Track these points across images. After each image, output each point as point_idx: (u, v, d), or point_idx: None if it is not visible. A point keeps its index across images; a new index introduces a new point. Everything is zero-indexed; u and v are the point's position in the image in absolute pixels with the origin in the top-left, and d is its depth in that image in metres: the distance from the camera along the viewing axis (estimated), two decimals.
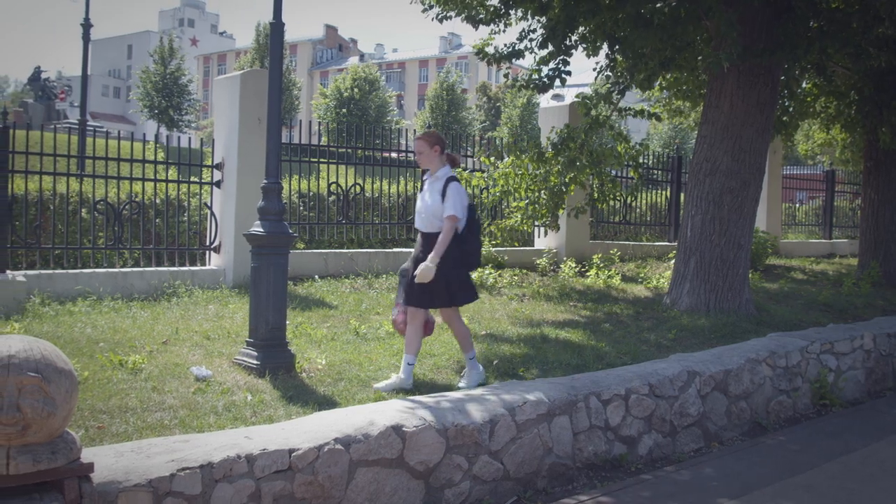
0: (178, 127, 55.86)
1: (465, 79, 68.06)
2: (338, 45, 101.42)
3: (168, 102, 56.15)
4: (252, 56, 64.44)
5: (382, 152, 13.61)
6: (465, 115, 62.09)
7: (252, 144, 10.01)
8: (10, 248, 8.94)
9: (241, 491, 3.98)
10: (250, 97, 10.12)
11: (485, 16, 10.90)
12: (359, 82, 55.72)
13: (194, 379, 5.97)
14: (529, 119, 57.86)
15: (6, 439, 3.26)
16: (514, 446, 5.11)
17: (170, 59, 56.77)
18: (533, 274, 12.13)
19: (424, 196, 6.36)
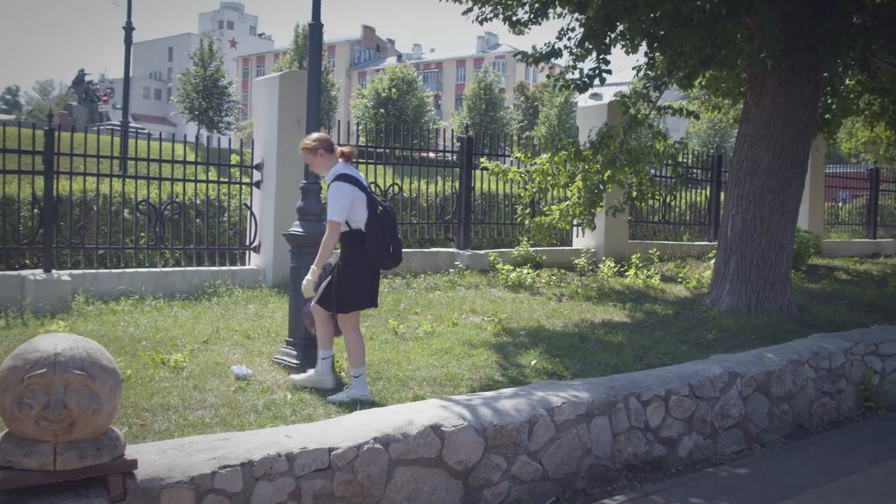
0: (217, 128, 56.34)
1: (502, 78, 67.93)
2: (375, 45, 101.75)
3: (208, 104, 56.63)
4: (290, 57, 64.81)
5: (420, 152, 13.62)
6: (502, 114, 61.88)
7: (291, 145, 10.06)
8: (56, 248, 9.09)
9: (282, 489, 4.01)
10: (289, 98, 10.19)
11: (524, 16, 10.87)
12: (396, 82, 55.79)
13: (235, 378, 6.03)
14: (568, 118, 57.59)
15: (53, 436, 3.31)
16: (553, 446, 5.09)
17: (209, 61, 57.25)
18: (571, 274, 12.08)
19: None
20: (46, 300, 8.25)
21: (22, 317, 7.92)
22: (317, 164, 6.15)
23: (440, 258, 11.82)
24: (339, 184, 5.89)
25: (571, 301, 10.06)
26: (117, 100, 60.81)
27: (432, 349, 7.22)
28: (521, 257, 12.10)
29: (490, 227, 13.24)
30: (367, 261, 5.93)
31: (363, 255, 5.91)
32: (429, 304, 9.33)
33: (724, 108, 14.87)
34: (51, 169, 8.95)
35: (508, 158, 13.54)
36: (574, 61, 10.78)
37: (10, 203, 9.53)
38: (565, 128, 54.61)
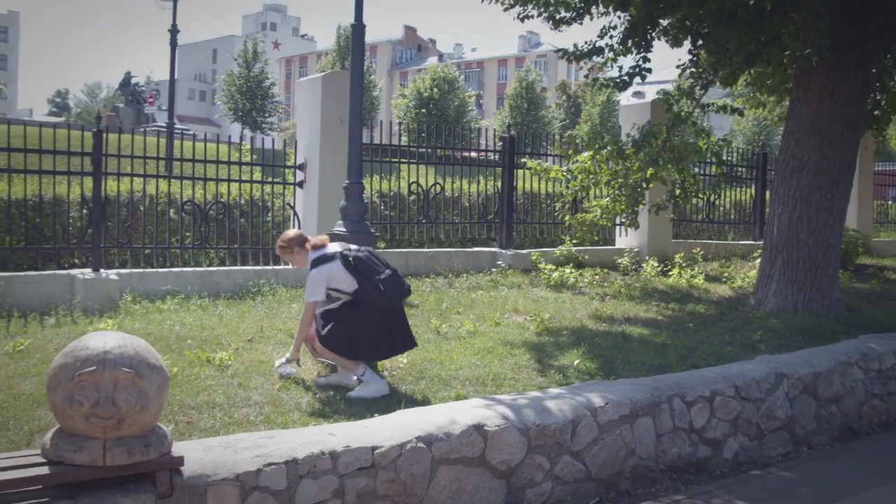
0: (261, 129, 56.90)
1: (544, 77, 67.71)
2: (417, 45, 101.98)
3: (252, 105, 57.24)
4: (333, 58, 65.27)
5: (462, 152, 13.63)
6: (544, 113, 61.71)
7: (334, 145, 10.14)
8: (104, 247, 9.24)
9: (325, 487, 4.04)
10: (332, 98, 10.24)
11: (566, 14, 10.82)
12: (438, 82, 55.88)
13: (279, 377, 6.08)
14: (610, 117, 57.25)
15: (103, 432, 3.37)
16: (597, 447, 5.07)
17: (253, 63, 57.84)
18: (614, 273, 12.01)
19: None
20: (95, 299, 8.39)
21: (72, 315, 8.07)
22: (298, 259, 6.38)
23: (482, 258, 11.81)
24: (312, 271, 6.19)
25: (614, 301, 9.99)
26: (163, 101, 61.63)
27: (475, 349, 7.22)
28: (563, 257, 12.05)
29: (532, 227, 13.20)
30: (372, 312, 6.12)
31: (368, 308, 6.11)
32: (471, 303, 9.33)
33: (770, 105, 14.67)
34: (99, 170, 9.10)
35: (550, 157, 13.50)
36: (615, 57, 10.71)
37: (60, 203, 9.70)
38: (608, 126, 54.31)
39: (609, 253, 12.89)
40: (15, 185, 10.07)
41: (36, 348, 6.69)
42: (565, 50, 10.85)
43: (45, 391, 3.56)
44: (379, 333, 6.12)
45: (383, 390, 5.86)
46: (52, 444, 3.43)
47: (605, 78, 10.73)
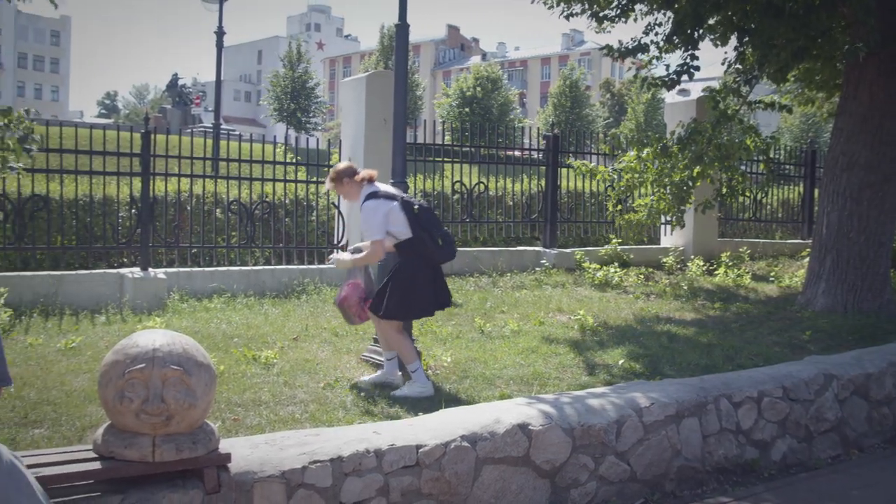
0: (305, 129, 57.32)
1: (588, 75, 67.31)
2: (460, 44, 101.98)
3: (296, 105, 57.70)
4: (376, 58, 65.54)
5: (505, 151, 13.60)
6: (588, 112, 61.36)
7: (378, 144, 10.18)
8: (152, 247, 9.38)
9: (370, 485, 4.05)
10: (376, 98, 10.28)
11: (610, 12, 10.75)
12: (481, 81, 55.82)
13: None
14: (654, 115, 56.71)
15: (152, 429, 3.42)
16: (642, 447, 5.02)
17: (298, 64, 58.30)
18: (659, 272, 11.91)
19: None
20: (143, 297, 8.52)
21: (121, 313, 8.20)
22: (348, 191, 6.26)
23: (526, 257, 11.79)
24: (369, 202, 6.05)
25: (659, 300, 9.91)
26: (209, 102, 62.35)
27: (519, 348, 7.20)
28: (608, 256, 11.98)
29: (576, 226, 13.14)
30: (422, 266, 6.09)
31: (419, 261, 6.07)
32: (515, 302, 9.31)
33: (819, 101, 14.41)
34: (147, 170, 9.24)
35: (594, 156, 13.43)
36: (659, 54, 10.61)
37: (110, 203, 9.86)
38: (652, 124, 53.79)
39: (654, 252, 12.78)
40: (66, 185, 10.27)
41: (87, 346, 6.81)
42: (610, 47, 10.78)
43: (97, 388, 3.62)
44: (427, 288, 6.15)
45: (428, 392, 5.86)
46: (103, 440, 3.49)
47: (653, 77, 10.63)
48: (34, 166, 8.83)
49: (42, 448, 4.22)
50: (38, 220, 9.11)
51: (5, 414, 4.95)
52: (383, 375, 6.16)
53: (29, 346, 6.76)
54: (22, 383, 5.57)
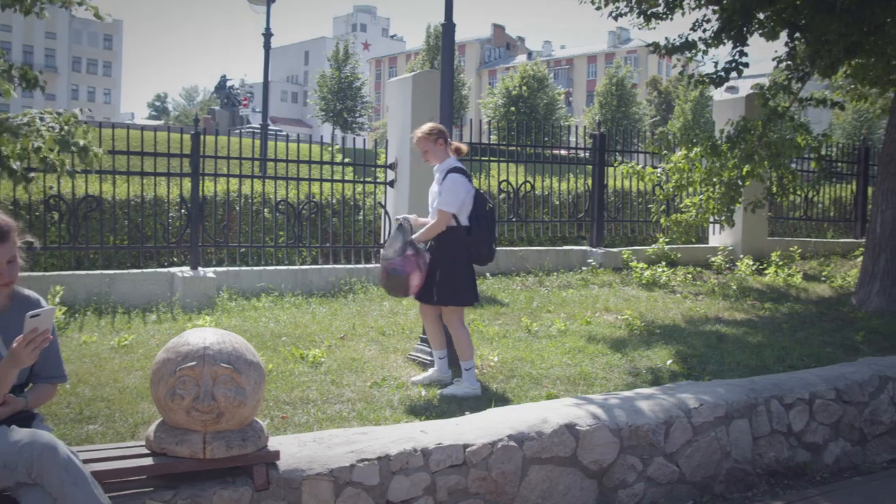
0: (351, 129, 57.63)
1: (634, 73, 66.68)
2: (505, 43, 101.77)
3: (343, 105, 58.04)
4: (422, 58, 65.64)
5: (552, 150, 13.55)
6: (635, 110, 60.85)
7: None
8: (202, 246, 9.50)
9: (417, 484, 4.06)
10: (422, 98, 10.31)
11: (658, 9, 10.66)
12: (527, 80, 55.62)
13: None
14: (702, 113, 56.07)
15: (203, 426, 3.47)
16: (690, 449, 4.97)
17: (344, 64, 58.64)
18: (707, 272, 11.77)
19: (433, 188, 6.24)
20: (193, 296, 8.64)
21: (171, 311, 8.33)
22: (433, 153, 6.15)
23: (573, 256, 11.73)
24: (458, 175, 6.01)
25: (708, 300, 9.80)
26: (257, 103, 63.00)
27: (565, 347, 7.17)
28: (655, 255, 11.88)
29: (623, 225, 13.05)
30: (468, 257, 6.06)
31: (465, 251, 6.04)
32: (562, 302, 9.27)
33: (872, 97, 14.13)
34: (197, 171, 9.37)
35: (641, 155, 13.32)
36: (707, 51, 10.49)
37: (160, 204, 10.02)
38: (700, 122, 53.16)
39: (702, 251, 12.65)
40: (118, 186, 10.46)
41: (139, 344, 6.92)
42: (657, 44, 10.70)
43: (149, 385, 3.68)
44: (473, 278, 6.16)
45: (475, 392, 5.85)
46: (155, 437, 3.55)
47: (701, 74, 10.52)
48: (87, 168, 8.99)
49: (96, 444, 4.30)
50: (91, 220, 9.28)
51: (61, 410, 5.06)
52: (435, 374, 6.16)
53: (83, 343, 6.89)
54: (77, 380, 5.68)
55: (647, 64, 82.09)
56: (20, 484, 3.00)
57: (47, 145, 4.99)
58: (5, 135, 4.84)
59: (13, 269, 3.26)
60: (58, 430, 4.50)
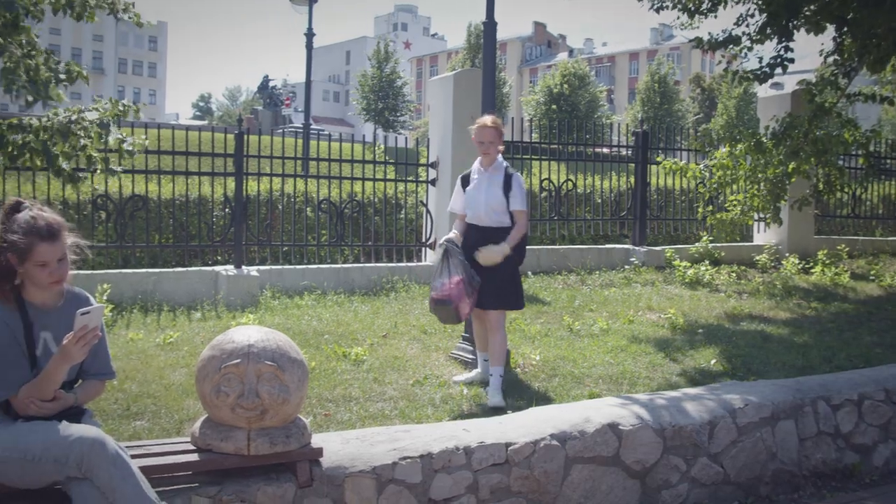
0: (393, 128, 57.81)
1: (677, 70, 66.10)
2: (546, 41, 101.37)
3: (384, 104, 58.23)
4: (463, 56, 65.60)
5: (593, 148, 13.47)
6: (678, 107, 60.27)
7: (466, 142, 10.16)
8: (245, 245, 9.60)
9: (459, 482, 4.07)
10: (463, 96, 10.30)
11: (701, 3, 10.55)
12: (568, 78, 55.40)
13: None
14: (747, 109, 55.36)
15: (247, 422, 3.51)
16: (735, 449, 4.92)
17: (385, 63, 58.83)
18: (752, 270, 11.63)
19: (481, 187, 5.99)
20: (237, 294, 8.73)
21: (216, 309, 8.42)
22: (495, 148, 5.99)
23: (615, 254, 11.65)
24: (519, 176, 6.03)
25: (752, 299, 9.68)
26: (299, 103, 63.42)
27: (608, 346, 7.13)
28: (698, 253, 11.76)
29: (666, 223, 12.94)
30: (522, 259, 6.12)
31: (524, 253, 6.12)
32: (604, 300, 9.22)
33: None
34: (241, 170, 9.46)
35: (684, 152, 13.20)
36: (751, 46, 10.36)
37: (205, 203, 10.14)
38: (744, 119, 52.51)
39: (746, 249, 12.49)
40: (163, 185, 10.60)
41: (184, 341, 7.01)
42: (700, 39, 10.59)
43: (194, 382, 3.72)
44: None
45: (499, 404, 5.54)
46: (200, 433, 3.59)
47: (745, 70, 10.38)
48: (134, 167, 9.13)
49: (143, 439, 4.36)
50: (137, 219, 9.42)
51: (109, 406, 5.14)
52: (478, 375, 6.12)
53: (130, 340, 7.00)
54: (124, 377, 5.77)
55: (689, 60, 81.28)
56: (71, 478, 3.06)
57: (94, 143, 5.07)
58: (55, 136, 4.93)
59: (63, 268, 3.32)
60: (106, 426, 4.57)
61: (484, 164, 6.05)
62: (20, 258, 3.24)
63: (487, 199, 5.95)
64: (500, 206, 5.93)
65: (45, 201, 8.20)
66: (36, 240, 3.22)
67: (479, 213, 5.99)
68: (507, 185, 5.93)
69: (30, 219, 3.26)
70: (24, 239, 3.21)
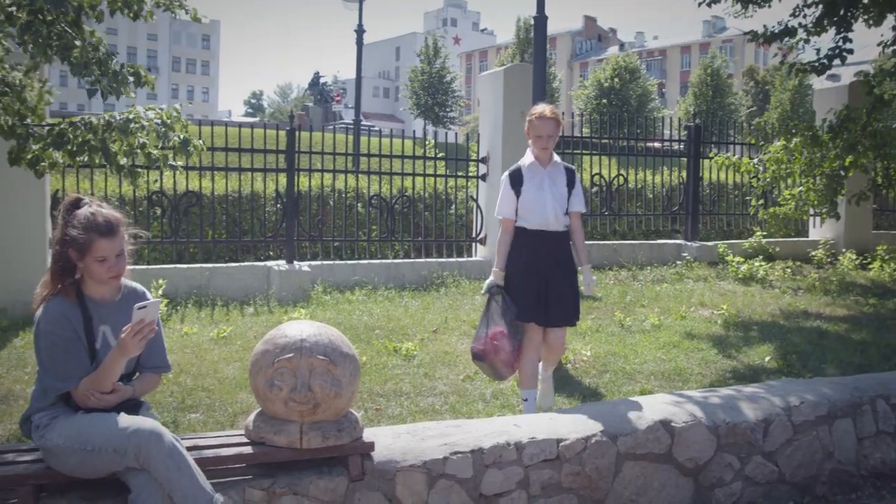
0: (442, 123, 57.85)
1: (730, 63, 65.08)
2: (597, 35, 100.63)
3: (434, 100, 58.30)
4: (512, 51, 65.38)
5: (645, 142, 13.35)
6: (730, 100, 59.39)
7: (516, 137, 10.15)
8: (297, 240, 9.69)
9: (510, 477, 4.06)
10: (513, 91, 10.26)
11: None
12: (619, 72, 54.95)
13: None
14: (802, 102, 54.41)
15: (300, 416, 3.54)
16: (790, 448, 4.83)
17: (434, 59, 58.89)
18: (807, 266, 11.43)
19: (544, 188, 5.26)
20: (289, 289, 8.81)
21: (268, 304, 8.51)
22: (553, 143, 5.33)
23: (666, 250, 11.54)
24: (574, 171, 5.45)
25: (808, 295, 9.51)
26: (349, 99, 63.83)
27: (659, 342, 7.07)
28: (752, 249, 11.60)
29: (718, 218, 12.77)
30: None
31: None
32: (655, 296, 9.14)
33: None
34: (292, 167, 9.54)
35: (737, 146, 13.01)
36: (808, 38, 10.17)
37: (257, 199, 10.25)
38: (799, 112, 51.60)
39: (801, 245, 12.28)
40: (217, 182, 10.74)
41: (237, 335, 7.10)
42: (755, 32, 10.43)
43: (247, 376, 3.77)
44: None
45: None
46: (254, 426, 3.64)
47: (802, 62, 10.20)
48: (187, 164, 9.27)
49: (198, 432, 4.43)
50: (191, 215, 9.55)
51: (164, 399, 5.23)
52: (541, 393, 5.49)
53: (184, 334, 7.11)
54: (179, 370, 5.86)
55: (743, 53, 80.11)
56: (129, 468, 3.13)
57: (151, 141, 5.16)
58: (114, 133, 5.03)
59: (121, 263, 3.38)
60: (162, 418, 4.65)
61: (542, 160, 5.34)
62: (80, 253, 3.30)
63: (556, 200, 5.28)
64: (565, 207, 5.32)
65: (102, 198, 8.36)
66: (95, 235, 3.29)
67: (548, 217, 5.24)
68: (571, 184, 5.36)
69: (89, 215, 3.33)
70: (84, 234, 3.28)
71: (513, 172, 5.40)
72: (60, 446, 3.19)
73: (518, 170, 5.39)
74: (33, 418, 3.33)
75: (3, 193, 7.95)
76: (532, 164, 5.34)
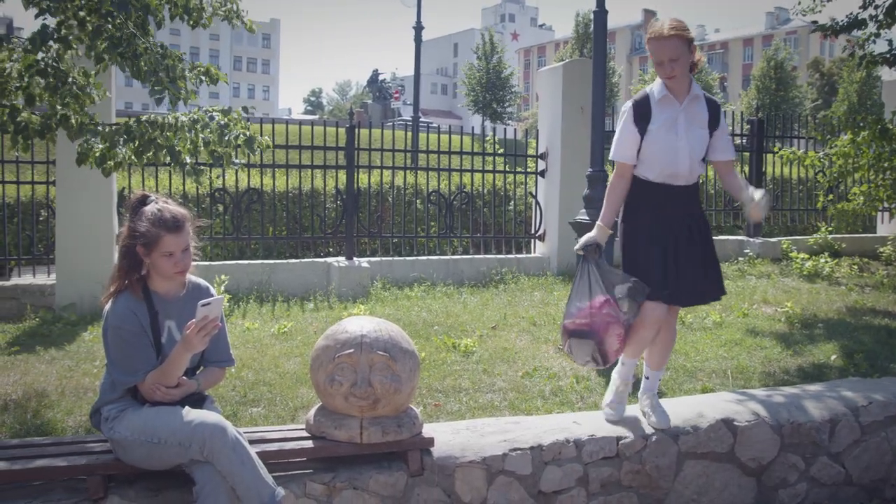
0: (500, 119, 57.70)
1: (794, 55, 63.80)
2: None
3: (492, 96, 58.16)
4: (571, 46, 64.92)
5: None
6: (795, 94, 58.18)
7: (575, 133, 10.11)
8: (356, 237, 9.76)
9: (570, 475, 4.05)
10: (572, 87, 10.21)
11: None
12: None
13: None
14: (869, 94, 53.03)
15: (360, 411, 3.57)
16: (858, 449, 4.73)
17: (491, 55, 58.75)
18: (875, 263, 11.15)
19: (678, 130, 4.13)
20: (348, 285, 8.89)
21: (328, 300, 8.59)
22: (683, 66, 4.06)
23: (728, 246, 11.36)
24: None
25: (876, 292, 9.28)
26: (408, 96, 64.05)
27: (721, 340, 6.96)
28: (817, 245, 11.35)
29: (782, 214, 12.54)
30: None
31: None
32: None
33: None
34: (352, 163, 9.61)
35: (802, 140, 12.75)
36: (878, 31, 9.91)
37: (317, 196, 10.35)
38: (867, 105, 50.30)
39: (869, 241, 11.99)
40: (277, 179, 10.88)
41: (297, 331, 7.18)
42: (822, 25, 10.19)
43: (308, 371, 3.81)
44: None
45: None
46: (315, 420, 3.68)
47: (873, 54, 9.94)
48: (249, 162, 9.41)
49: (259, 426, 4.50)
50: (252, 211, 9.69)
51: (227, 392, 5.31)
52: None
53: (246, 330, 7.21)
54: (241, 365, 5.95)
55: (807, 45, 78.48)
56: (193, 461, 3.19)
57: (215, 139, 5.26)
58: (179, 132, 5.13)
59: (187, 258, 3.45)
60: (225, 412, 4.72)
61: (676, 91, 4.15)
62: (147, 249, 3.38)
63: (692, 146, 4.15)
64: (703, 154, 4.22)
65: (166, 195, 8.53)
66: (162, 231, 3.36)
67: (681, 168, 4.16)
68: (715, 122, 4.22)
69: (156, 211, 3.40)
70: (152, 230, 3.36)
71: (639, 102, 4.23)
72: (128, 438, 3.27)
73: (646, 99, 4.21)
74: (102, 410, 3.42)
75: (73, 192, 8.16)
76: (665, 98, 4.16)
